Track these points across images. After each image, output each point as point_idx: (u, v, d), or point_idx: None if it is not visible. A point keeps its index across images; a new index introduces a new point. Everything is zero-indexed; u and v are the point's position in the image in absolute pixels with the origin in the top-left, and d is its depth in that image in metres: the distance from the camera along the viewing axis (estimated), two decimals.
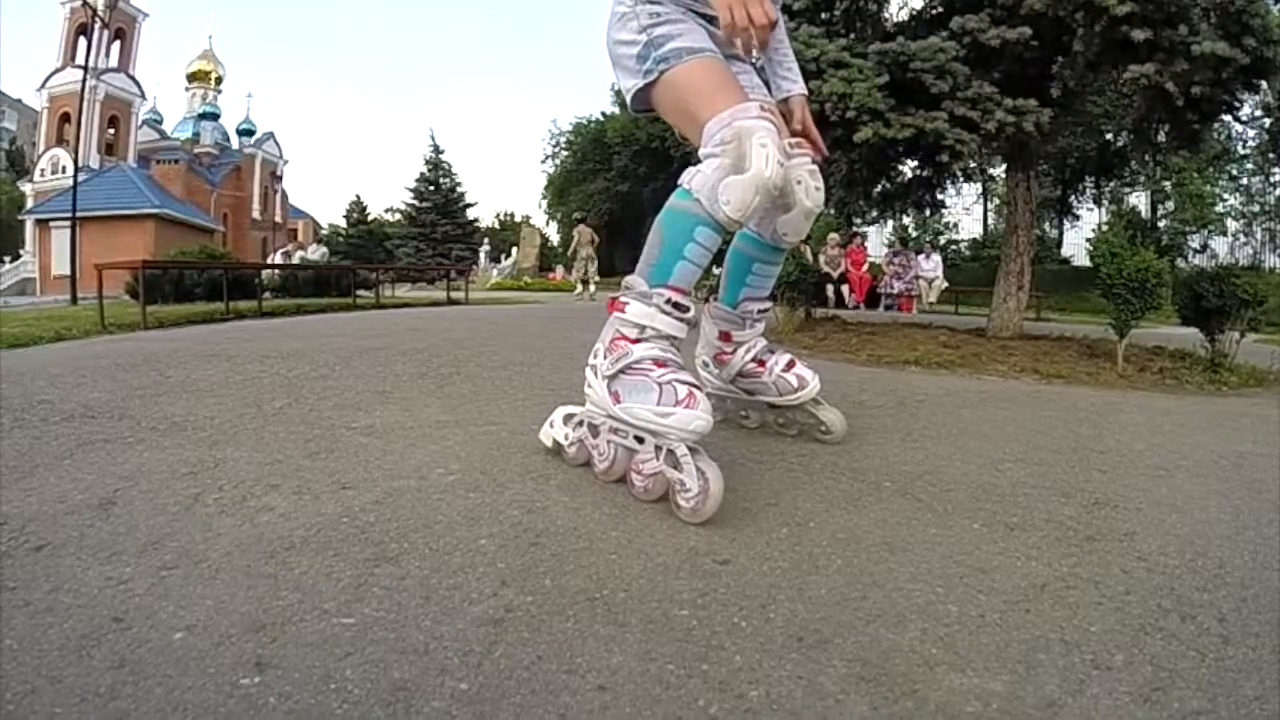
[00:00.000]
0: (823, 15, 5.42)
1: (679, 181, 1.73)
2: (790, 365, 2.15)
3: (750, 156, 1.61)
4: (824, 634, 1.08)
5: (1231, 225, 26.88)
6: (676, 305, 1.67)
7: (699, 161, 1.72)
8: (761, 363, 2.17)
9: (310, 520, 1.45)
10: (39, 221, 36.70)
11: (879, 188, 6.28)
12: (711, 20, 1.90)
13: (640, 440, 1.62)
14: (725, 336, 2.21)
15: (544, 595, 1.16)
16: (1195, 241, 26.68)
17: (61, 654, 0.98)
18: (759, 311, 2.20)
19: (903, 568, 1.31)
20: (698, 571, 1.26)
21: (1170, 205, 27.02)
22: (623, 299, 1.71)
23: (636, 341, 1.67)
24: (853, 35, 5.48)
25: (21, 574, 1.22)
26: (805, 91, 2.16)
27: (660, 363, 1.63)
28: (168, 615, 1.09)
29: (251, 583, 1.19)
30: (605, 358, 1.70)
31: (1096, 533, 1.53)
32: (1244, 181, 26.82)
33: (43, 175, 39.25)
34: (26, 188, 41.11)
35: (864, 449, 2.12)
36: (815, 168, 1.98)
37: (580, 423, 1.83)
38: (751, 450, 2.09)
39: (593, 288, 16.81)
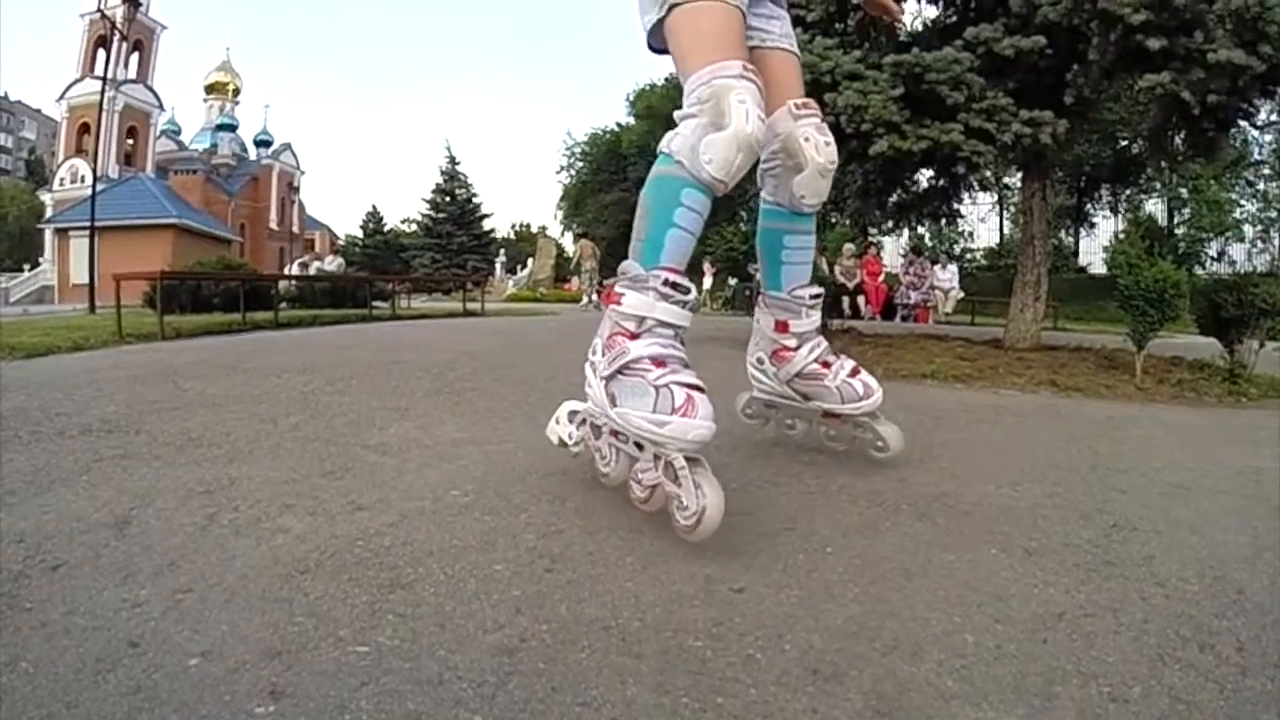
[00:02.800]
0: (837, 26, 5.42)
1: (659, 147, 1.68)
2: (855, 372, 2.04)
3: (729, 113, 1.56)
4: (840, 666, 1.06)
5: (1249, 231, 26.59)
6: (675, 286, 1.59)
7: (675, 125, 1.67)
8: (826, 364, 2.05)
9: (325, 543, 1.45)
10: (58, 230, 37.21)
11: (894, 198, 6.26)
12: None
13: (640, 447, 1.55)
14: (782, 326, 2.09)
15: (558, 624, 1.16)
16: (1213, 249, 26.40)
17: (77, 678, 0.99)
18: (811, 298, 2.09)
19: (920, 595, 1.29)
20: (713, 600, 1.25)
21: (1187, 212, 26.78)
22: (618, 289, 1.64)
23: (635, 337, 1.59)
24: (867, 45, 5.48)
25: (38, 594, 1.23)
26: None
27: (659, 361, 1.54)
28: (183, 640, 1.09)
29: (266, 607, 1.19)
30: (603, 355, 1.63)
31: (1115, 557, 1.51)
32: (1260, 187, 26.55)
33: (62, 184, 39.81)
34: (46, 197, 41.75)
35: (882, 469, 2.08)
36: (823, 124, 1.95)
37: (583, 421, 1.76)
38: (768, 472, 2.06)
39: (595, 297, 17.60)
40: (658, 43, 1.84)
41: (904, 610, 1.24)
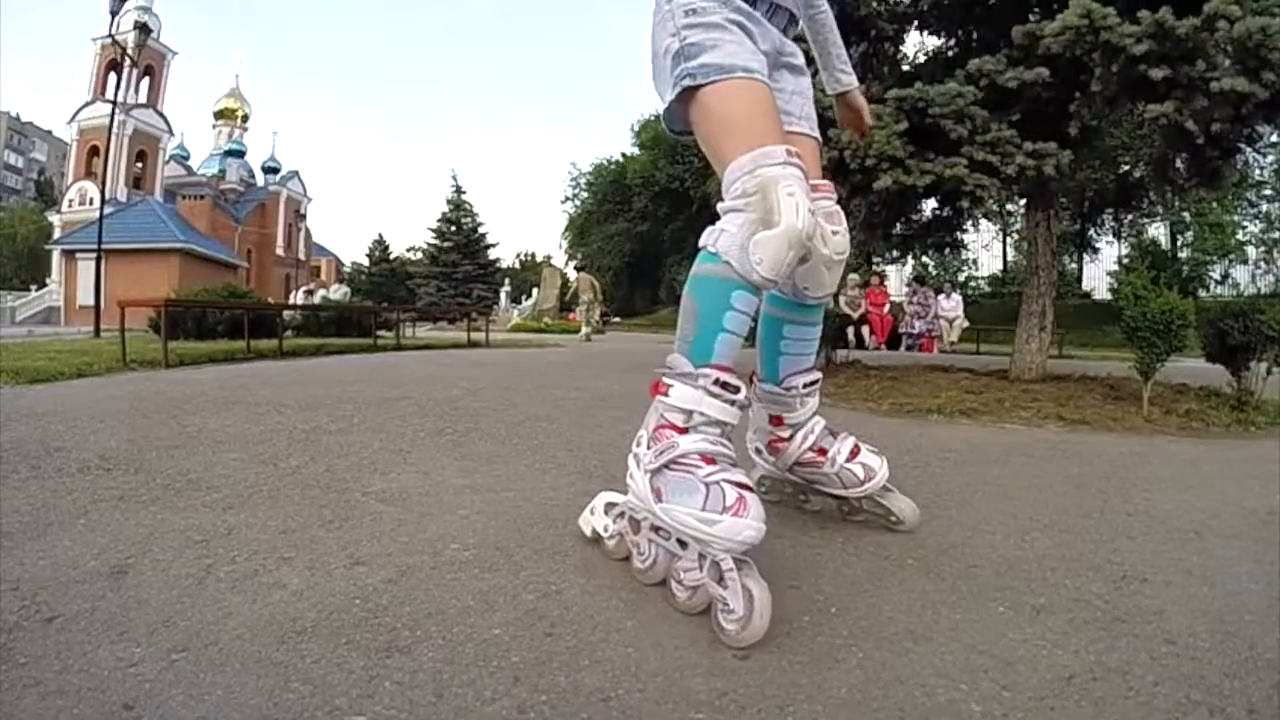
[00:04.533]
0: None
1: (700, 243, 1.58)
2: (854, 454, 1.93)
3: (778, 208, 1.45)
4: None
5: (1251, 253, 26.49)
6: (725, 385, 1.50)
7: (717, 217, 1.57)
8: (822, 451, 1.95)
9: (323, 600, 1.43)
10: (66, 252, 37.41)
11: (898, 229, 6.26)
12: (771, 14, 1.80)
13: (683, 545, 1.45)
14: (777, 420, 2.01)
15: (558, 694, 1.13)
16: (1216, 271, 26.33)
17: None
18: (805, 385, 1.98)
19: (925, 660, 1.26)
20: (716, 668, 1.22)
21: (1190, 235, 26.76)
22: (666, 380, 1.56)
23: (684, 431, 1.51)
24: (870, 75, 5.49)
25: (32, 649, 1.21)
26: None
27: (709, 458, 1.47)
28: (178, 705, 1.07)
29: (262, 671, 1.16)
30: (649, 447, 1.54)
31: (1125, 612, 1.48)
32: (1263, 208, 26.49)
33: (71, 206, 40.15)
34: (54, 218, 42.15)
35: None
36: (835, 209, 1.84)
37: (621, 514, 1.67)
38: (771, 524, 1.94)
39: (589, 328, 18.59)
40: (676, 124, 1.76)
41: (909, 677, 1.20)
